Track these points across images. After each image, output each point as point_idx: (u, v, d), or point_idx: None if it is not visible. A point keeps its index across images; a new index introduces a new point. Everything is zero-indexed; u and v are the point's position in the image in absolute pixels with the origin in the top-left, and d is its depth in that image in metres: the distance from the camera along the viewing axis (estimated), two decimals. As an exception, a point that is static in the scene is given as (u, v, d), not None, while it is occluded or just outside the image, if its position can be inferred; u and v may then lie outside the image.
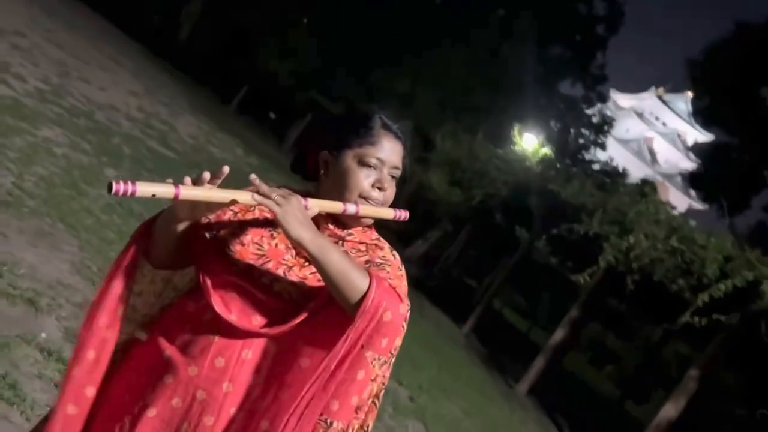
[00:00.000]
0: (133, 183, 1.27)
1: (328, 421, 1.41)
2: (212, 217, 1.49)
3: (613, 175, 39.95)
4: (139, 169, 8.07)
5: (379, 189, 1.52)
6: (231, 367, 1.44)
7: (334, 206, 1.48)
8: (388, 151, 1.52)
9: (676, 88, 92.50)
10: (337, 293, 1.39)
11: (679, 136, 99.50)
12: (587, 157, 39.23)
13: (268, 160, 19.41)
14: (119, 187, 1.25)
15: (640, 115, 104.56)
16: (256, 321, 1.46)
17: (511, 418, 9.00)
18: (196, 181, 1.36)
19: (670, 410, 8.51)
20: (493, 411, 8.81)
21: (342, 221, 1.54)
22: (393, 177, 1.54)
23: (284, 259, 1.46)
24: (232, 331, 1.44)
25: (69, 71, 10.70)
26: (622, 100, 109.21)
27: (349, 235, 1.54)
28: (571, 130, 32.17)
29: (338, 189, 1.51)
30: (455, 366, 10.00)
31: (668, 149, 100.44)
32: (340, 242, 1.53)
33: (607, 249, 8.89)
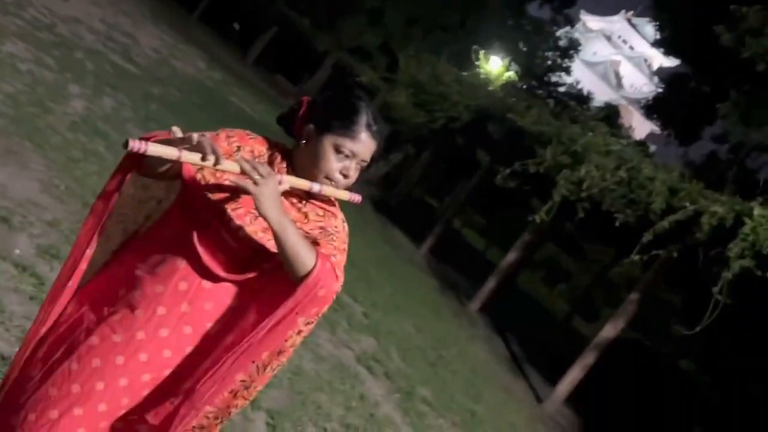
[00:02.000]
0: (146, 143, 1.48)
1: (257, 364, 1.72)
2: (208, 171, 1.71)
3: (577, 99, 40.28)
4: (102, 85, 8.10)
5: (344, 176, 1.76)
6: (191, 292, 1.72)
7: (302, 184, 1.73)
8: (363, 147, 1.75)
9: (645, 13, 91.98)
10: (288, 265, 1.67)
11: (645, 60, 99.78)
12: (553, 79, 39.39)
13: (231, 74, 19.25)
14: (134, 144, 1.47)
15: (608, 39, 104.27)
16: (220, 261, 1.72)
17: (459, 334, 9.50)
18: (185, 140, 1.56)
19: (609, 330, 9.06)
20: (443, 327, 9.28)
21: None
22: (360, 166, 1.79)
23: (253, 212, 1.70)
24: (198, 264, 1.71)
25: (28, -21, 10.48)
26: (591, 22, 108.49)
27: (313, 198, 1.80)
28: (538, 53, 32.15)
29: (312, 163, 1.75)
30: (410, 285, 10.43)
31: (634, 73, 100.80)
32: (305, 202, 1.78)
33: (560, 182, 9.23)
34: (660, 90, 23.10)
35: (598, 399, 10.81)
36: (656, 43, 22.91)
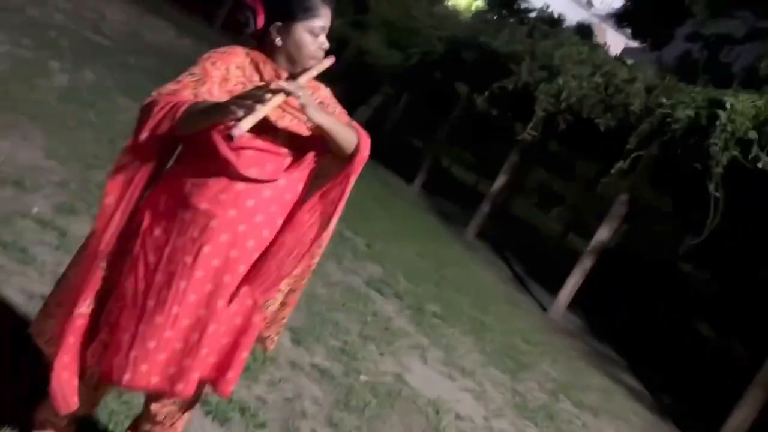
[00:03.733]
0: (239, 128, 1.69)
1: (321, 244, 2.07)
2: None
3: (549, 22, 40.01)
4: (79, 59, 8.21)
5: (323, 50, 2.01)
6: (259, 203, 1.96)
7: (309, 76, 1.98)
8: (326, 19, 1.98)
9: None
10: (338, 149, 1.97)
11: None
12: (522, 6, 39.11)
13: (201, 40, 19.18)
14: (236, 132, 1.68)
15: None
16: (267, 165, 1.96)
17: (460, 257, 9.79)
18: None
19: (602, 233, 9.33)
20: (445, 251, 9.58)
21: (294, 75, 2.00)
22: (325, 34, 2.01)
23: (282, 116, 1.95)
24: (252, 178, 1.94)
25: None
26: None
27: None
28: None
29: (296, 53, 1.97)
30: (407, 218, 10.69)
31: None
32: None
33: (540, 96, 9.40)
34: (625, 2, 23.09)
35: (599, 303, 11.18)
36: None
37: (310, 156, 2.01)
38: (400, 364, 4.62)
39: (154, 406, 2.16)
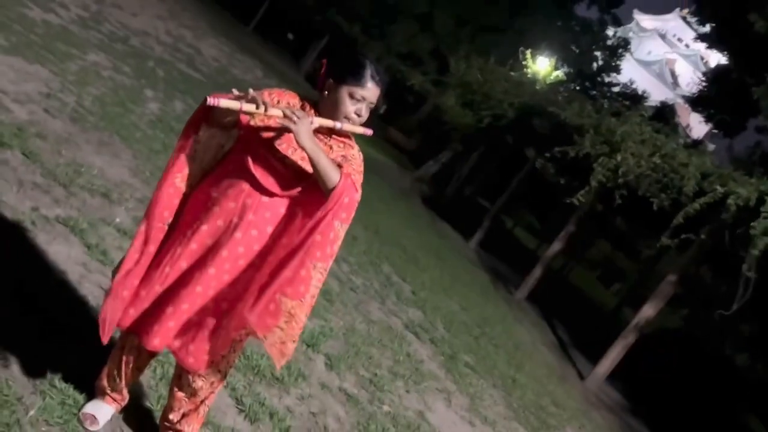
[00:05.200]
0: (218, 99, 2.18)
1: (315, 264, 2.38)
2: (258, 119, 2.39)
3: (632, 98, 40.11)
4: (172, 90, 8.95)
5: (358, 115, 2.42)
6: (254, 204, 2.40)
7: (328, 122, 2.40)
8: (370, 92, 2.41)
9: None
10: (321, 181, 2.33)
11: (702, 58, 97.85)
12: (606, 80, 39.37)
13: (286, 81, 20.13)
14: (211, 100, 2.17)
15: (662, 37, 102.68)
16: (272, 183, 2.40)
17: (504, 316, 10.03)
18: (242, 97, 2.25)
19: (648, 310, 9.47)
20: (490, 308, 9.84)
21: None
22: (369, 108, 2.45)
23: (293, 146, 2.38)
24: (257, 185, 2.39)
25: (103, -3, 11.49)
26: (645, 21, 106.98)
27: (337, 134, 2.46)
28: (587, 53, 32.31)
29: (333, 108, 2.41)
30: (457, 272, 11.01)
31: (690, 71, 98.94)
32: (329, 138, 2.44)
33: (597, 168, 9.74)
34: (704, 83, 23.16)
35: (643, 380, 11.19)
36: (700, 38, 22.98)
37: (304, 184, 2.41)
38: (423, 402, 4.94)
39: (185, 379, 2.57)
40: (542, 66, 24.29)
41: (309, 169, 2.35)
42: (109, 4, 11.38)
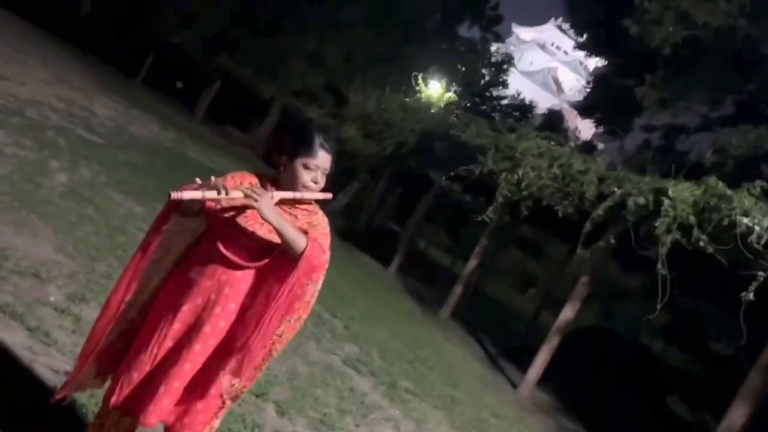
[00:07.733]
0: (181, 192, 2.35)
1: (288, 318, 2.58)
2: (224, 202, 2.55)
3: (521, 109, 41.67)
4: (76, 158, 8.85)
5: (315, 183, 2.63)
6: (230, 280, 2.55)
7: (287, 194, 2.60)
8: (322, 160, 2.62)
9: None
10: (289, 249, 2.52)
11: (581, 63, 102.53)
12: (495, 94, 40.81)
13: (184, 132, 20.00)
14: (175, 194, 2.34)
15: (542, 47, 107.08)
16: (243, 257, 2.56)
17: (433, 337, 10.31)
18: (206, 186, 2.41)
19: (567, 312, 9.93)
20: (419, 331, 10.10)
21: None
22: (324, 174, 2.65)
23: (259, 221, 2.54)
24: (230, 262, 2.54)
25: (-12, 71, 11.22)
26: (524, 33, 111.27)
27: (299, 203, 2.64)
28: (474, 72, 33.45)
29: (291, 181, 2.61)
30: (383, 300, 11.24)
31: (572, 77, 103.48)
32: (293, 208, 2.63)
33: (501, 184, 10.21)
34: (588, 90, 24.45)
35: (570, 380, 11.66)
36: (578, 47, 24.26)
37: (275, 253, 2.58)
38: (374, 433, 5.11)
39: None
40: (434, 89, 25.04)
41: (277, 239, 2.52)
42: (-4, 76, 11.13)
